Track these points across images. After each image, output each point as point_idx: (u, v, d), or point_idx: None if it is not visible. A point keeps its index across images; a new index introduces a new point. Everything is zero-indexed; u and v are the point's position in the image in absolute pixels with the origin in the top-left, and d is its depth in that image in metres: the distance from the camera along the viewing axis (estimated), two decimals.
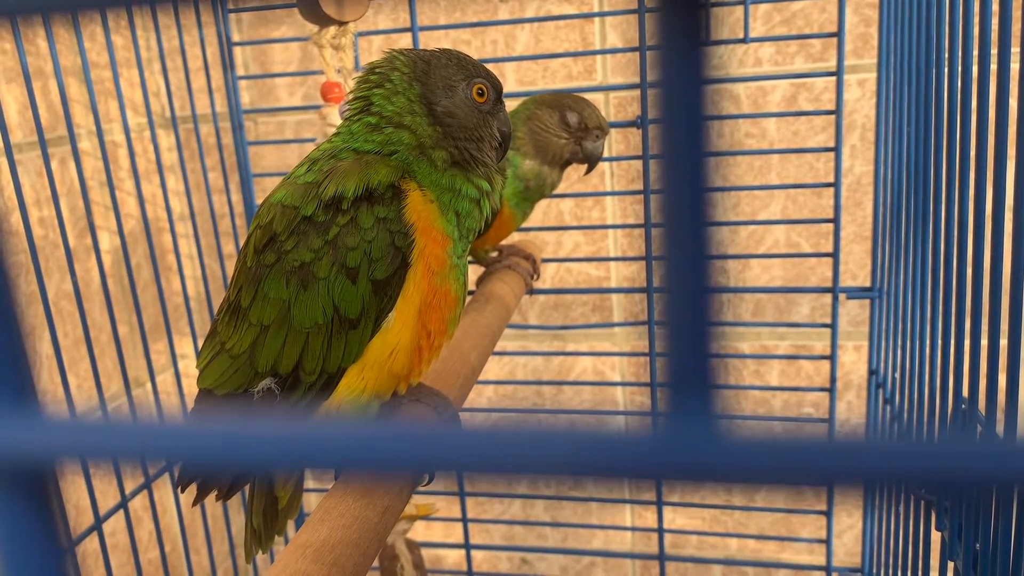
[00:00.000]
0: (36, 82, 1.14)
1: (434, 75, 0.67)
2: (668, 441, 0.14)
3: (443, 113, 0.67)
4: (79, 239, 1.21)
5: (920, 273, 0.86)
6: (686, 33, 0.14)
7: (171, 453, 0.16)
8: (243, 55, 1.40)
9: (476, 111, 0.68)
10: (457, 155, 0.67)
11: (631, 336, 1.39)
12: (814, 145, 1.25)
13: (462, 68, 0.68)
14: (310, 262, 0.62)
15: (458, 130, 0.67)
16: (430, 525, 1.54)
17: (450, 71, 0.68)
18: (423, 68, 0.68)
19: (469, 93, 0.68)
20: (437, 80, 0.67)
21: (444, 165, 0.66)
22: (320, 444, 0.15)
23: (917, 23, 0.86)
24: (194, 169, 1.39)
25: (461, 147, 0.67)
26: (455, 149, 0.67)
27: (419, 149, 0.66)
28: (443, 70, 0.68)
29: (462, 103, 0.67)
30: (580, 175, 1.30)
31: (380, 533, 0.60)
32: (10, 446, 0.16)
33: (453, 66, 0.68)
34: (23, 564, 0.17)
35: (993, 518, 0.65)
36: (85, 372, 1.19)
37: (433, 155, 0.66)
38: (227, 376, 0.66)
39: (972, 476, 0.15)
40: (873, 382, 1.15)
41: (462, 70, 0.68)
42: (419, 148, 0.66)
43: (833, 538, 1.27)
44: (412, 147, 0.66)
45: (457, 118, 0.67)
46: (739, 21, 1.14)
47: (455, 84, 0.67)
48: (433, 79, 0.67)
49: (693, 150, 0.15)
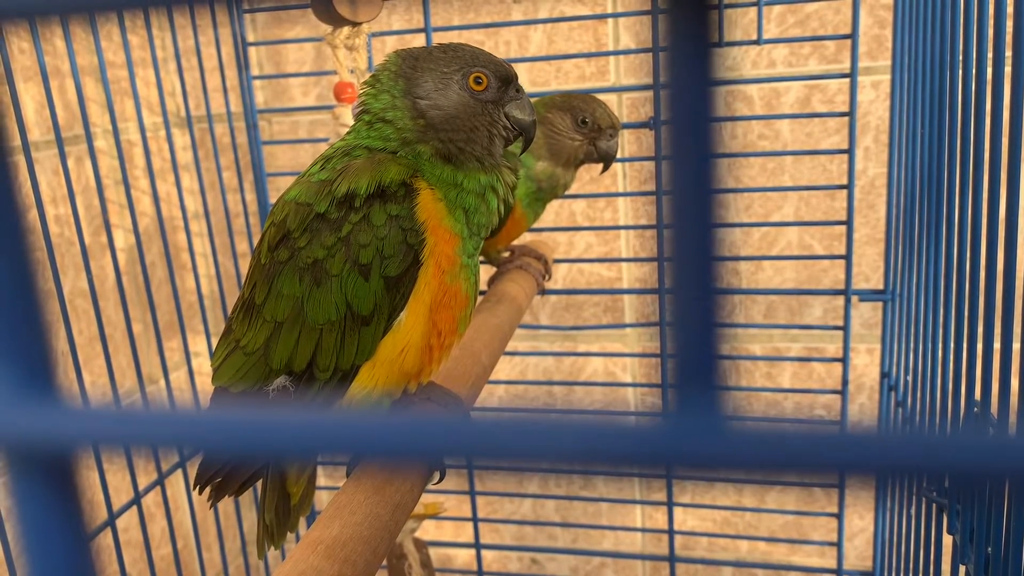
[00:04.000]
0: (53, 81, 1.15)
1: (421, 69, 0.67)
2: (676, 431, 0.15)
3: (427, 106, 0.66)
4: (94, 237, 1.22)
5: (933, 276, 0.86)
6: (694, 35, 0.14)
7: (195, 439, 0.16)
8: (257, 55, 1.41)
9: (472, 101, 0.67)
10: (443, 148, 0.66)
11: (643, 337, 1.39)
12: (827, 147, 1.25)
13: (457, 59, 0.67)
14: (323, 259, 0.62)
15: (444, 122, 0.66)
16: (441, 524, 1.55)
17: (441, 63, 0.67)
18: (411, 64, 0.67)
19: (465, 83, 0.67)
20: (424, 74, 0.67)
21: (433, 159, 0.66)
22: (336, 431, 0.16)
23: (931, 25, 0.86)
24: (208, 168, 1.40)
25: (446, 139, 0.66)
26: (439, 142, 0.66)
27: (405, 143, 0.66)
28: (433, 63, 0.67)
29: (454, 94, 0.66)
30: (592, 176, 1.30)
31: (391, 530, 0.61)
32: (35, 434, 0.16)
33: (447, 58, 0.67)
34: (46, 551, 0.17)
35: (1005, 521, 0.64)
36: (99, 369, 1.20)
37: (419, 149, 0.66)
38: (242, 373, 0.67)
39: (983, 469, 0.15)
40: (885, 385, 1.14)
41: (456, 60, 0.67)
42: (405, 142, 0.66)
43: (844, 541, 1.27)
44: (399, 141, 0.66)
45: (443, 110, 0.66)
46: (753, 22, 1.14)
47: (447, 76, 0.67)
48: (420, 73, 0.67)
49: (701, 151, 0.15)
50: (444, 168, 0.66)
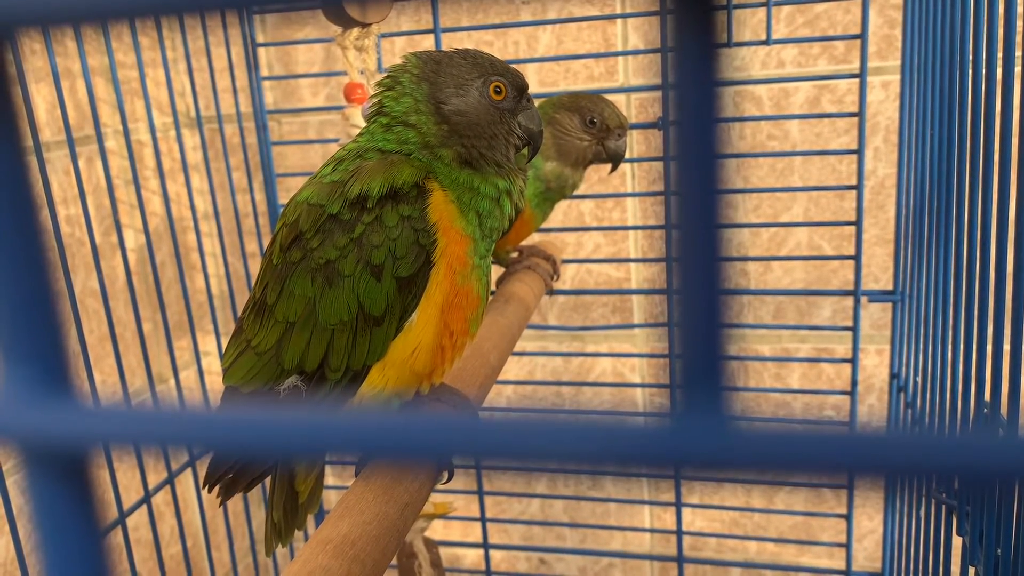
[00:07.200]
0: (64, 82, 1.15)
1: (444, 74, 0.67)
2: (682, 431, 0.15)
3: (451, 111, 0.67)
4: (105, 237, 1.23)
5: (943, 276, 0.85)
6: (700, 35, 0.14)
7: (205, 439, 0.16)
8: (267, 56, 1.41)
9: (492, 109, 0.68)
10: (465, 153, 0.67)
11: (651, 337, 1.39)
12: (837, 147, 1.25)
13: (477, 66, 0.68)
14: (336, 259, 0.63)
15: (467, 128, 0.67)
16: (449, 524, 1.55)
17: (463, 70, 0.67)
18: (433, 68, 0.68)
19: (485, 91, 0.67)
20: (447, 79, 0.67)
21: (453, 163, 0.67)
22: (345, 430, 0.16)
23: (941, 25, 0.86)
24: (218, 168, 1.40)
25: (469, 145, 0.67)
26: (462, 147, 0.67)
27: (427, 147, 0.66)
28: (455, 69, 0.67)
29: (475, 101, 0.67)
30: (601, 176, 1.30)
31: (400, 529, 0.61)
32: (51, 433, 0.16)
33: (468, 65, 0.68)
34: (62, 547, 0.18)
35: (1015, 523, 0.64)
36: (110, 368, 1.21)
37: (440, 153, 0.66)
38: (253, 373, 0.67)
39: (993, 470, 0.15)
40: (894, 386, 1.14)
41: (477, 68, 0.68)
42: (426, 146, 0.66)
43: (853, 542, 1.27)
44: (420, 145, 0.66)
45: (467, 116, 0.67)
46: (762, 22, 1.14)
47: (468, 82, 0.67)
48: (443, 78, 0.67)
49: (705, 152, 0.15)
50: (462, 172, 0.67)
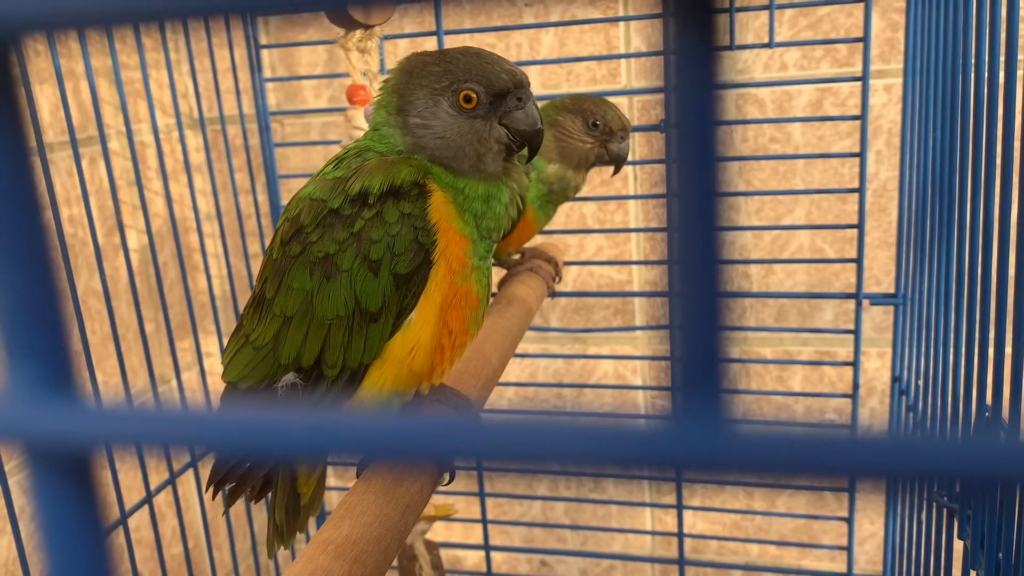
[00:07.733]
0: (68, 83, 1.16)
1: (413, 86, 0.66)
2: (680, 434, 0.15)
3: (416, 125, 0.66)
4: (108, 237, 1.23)
5: (945, 280, 0.85)
6: (701, 38, 0.15)
7: (206, 439, 0.16)
8: (270, 57, 1.42)
9: (460, 120, 0.66)
10: (433, 160, 0.67)
11: (652, 340, 1.39)
12: (839, 150, 1.25)
13: (448, 74, 0.65)
14: (334, 254, 0.63)
15: (430, 140, 0.66)
16: (450, 526, 1.55)
17: (432, 79, 0.66)
18: (404, 80, 0.67)
19: (454, 100, 0.65)
20: (415, 91, 0.66)
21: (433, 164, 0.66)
22: (346, 431, 0.16)
23: (944, 28, 0.86)
24: (221, 170, 1.41)
25: (432, 157, 0.66)
26: (428, 159, 0.66)
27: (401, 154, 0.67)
28: (425, 79, 0.66)
29: (443, 113, 0.66)
30: (603, 178, 1.30)
31: (401, 531, 0.61)
32: (55, 433, 0.17)
33: (439, 73, 0.66)
34: (65, 547, 0.18)
35: (1016, 526, 0.64)
36: (112, 368, 1.21)
37: (415, 159, 0.66)
38: (251, 368, 0.67)
39: (995, 474, 0.15)
40: (896, 389, 1.14)
41: (448, 75, 0.65)
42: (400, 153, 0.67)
43: (855, 545, 1.26)
44: (395, 152, 0.67)
45: (431, 129, 0.66)
46: (764, 25, 1.14)
47: (438, 93, 0.66)
48: (411, 90, 0.66)
49: (706, 155, 0.15)
50: (446, 174, 0.67)
